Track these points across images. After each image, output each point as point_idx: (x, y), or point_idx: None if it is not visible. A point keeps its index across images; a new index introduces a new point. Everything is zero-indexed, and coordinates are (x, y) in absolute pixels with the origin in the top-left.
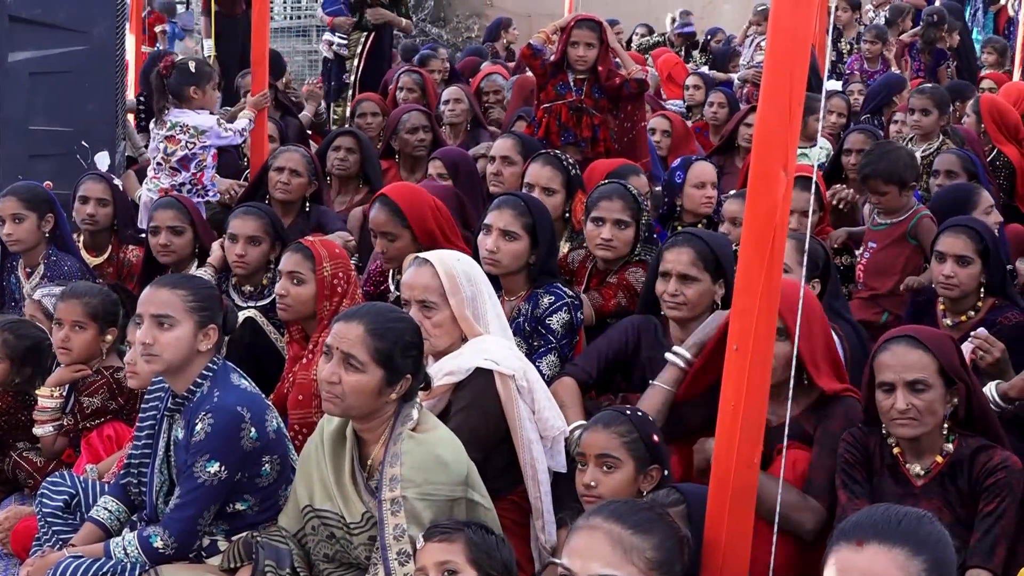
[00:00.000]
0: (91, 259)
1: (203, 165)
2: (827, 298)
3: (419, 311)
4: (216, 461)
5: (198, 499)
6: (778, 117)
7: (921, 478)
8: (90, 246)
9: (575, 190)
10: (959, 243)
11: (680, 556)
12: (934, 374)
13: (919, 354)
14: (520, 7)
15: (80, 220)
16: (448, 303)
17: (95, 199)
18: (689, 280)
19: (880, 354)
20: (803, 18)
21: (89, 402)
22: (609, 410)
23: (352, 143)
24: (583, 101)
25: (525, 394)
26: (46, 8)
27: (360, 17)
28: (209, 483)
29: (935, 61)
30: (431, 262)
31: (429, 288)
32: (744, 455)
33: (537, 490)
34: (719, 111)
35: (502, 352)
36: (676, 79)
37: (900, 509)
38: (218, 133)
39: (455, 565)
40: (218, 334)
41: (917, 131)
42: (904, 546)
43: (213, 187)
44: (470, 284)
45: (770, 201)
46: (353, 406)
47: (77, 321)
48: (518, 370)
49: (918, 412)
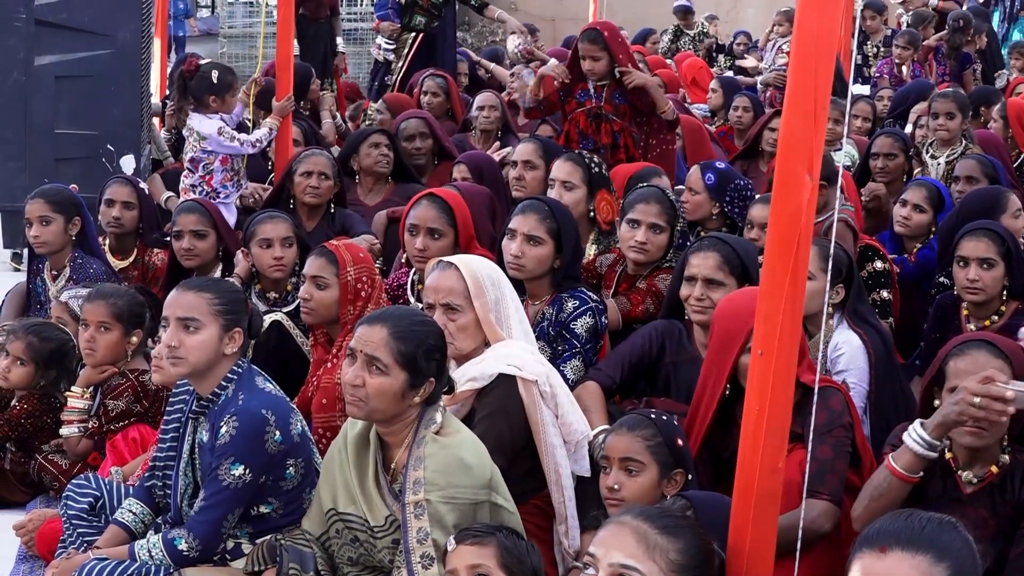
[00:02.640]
0: (116, 262)
1: (210, 168)
2: (851, 303)
3: (443, 314)
4: (241, 464)
5: (223, 502)
6: (803, 121)
7: (972, 486)
8: (116, 249)
9: (598, 188)
10: (982, 246)
11: (706, 568)
12: None
13: (1000, 364)
14: (545, 11)
15: (106, 223)
16: (472, 306)
17: (121, 202)
18: (715, 284)
19: (954, 359)
20: (828, 22)
21: (114, 405)
22: (634, 414)
23: (388, 141)
24: (602, 107)
25: (548, 399)
26: (72, 12)
27: (410, 19)
28: (234, 486)
29: (960, 65)
30: (456, 265)
31: (454, 291)
32: (768, 461)
33: (561, 495)
34: (743, 115)
35: (525, 357)
36: (700, 83)
37: (924, 515)
38: (219, 141)
39: (487, 569)
40: (243, 337)
41: (941, 135)
42: (927, 553)
43: (225, 189)
44: (494, 288)
45: (795, 205)
46: (377, 409)
47: (103, 322)
48: (541, 375)
49: (988, 423)
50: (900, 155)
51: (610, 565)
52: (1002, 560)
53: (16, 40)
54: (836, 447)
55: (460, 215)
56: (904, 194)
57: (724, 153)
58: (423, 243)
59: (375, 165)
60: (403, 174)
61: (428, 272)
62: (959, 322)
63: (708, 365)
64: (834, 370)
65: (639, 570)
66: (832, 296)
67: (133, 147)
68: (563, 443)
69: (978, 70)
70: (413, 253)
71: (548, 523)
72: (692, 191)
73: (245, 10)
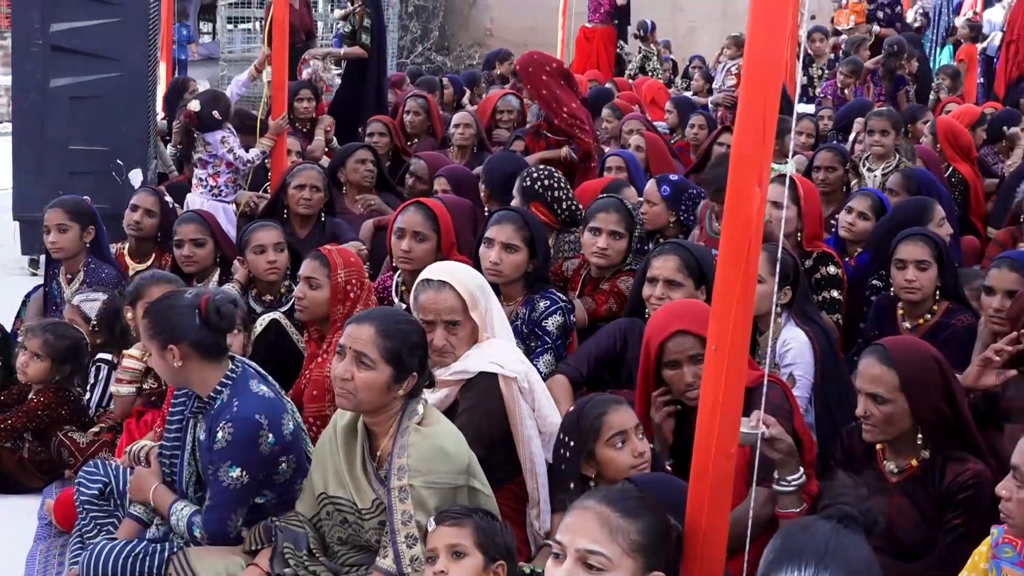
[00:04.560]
0: (135, 264)
1: (217, 169)
2: (798, 303)
3: (445, 330)
4: (237, 467)
5: (225, 501)
6: (753, 139)
7: (895, 476)
8: (134, 253)
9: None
10: (918, 249)
11: (666, 545)
12: (894, 390)
13: (882, 370)
14: (518, 38)
15: (127, 225)
16: (471, 318)
17: (144, 209)
18: (674, 285)
19: (861, 363)
20: (775, 48)
21: None
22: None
23: (372, 157)
24: (541, 127)
25: (526, 394)
26: (84, 38)
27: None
28: (233, 486)
29: (895, 87)
30: (448, 282)
31: (455, 309)
32: (722, 448)
33: (535, 482)
34: (699, 132)
35: (506, 355)
36: (659, 103)
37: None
38: (218, 147)
39: (464, 548)
40: (183, 349)
41: (876, 150)
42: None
43: (227, 189)
44: (484, 296)
45: (746, 214)
46: (364, 401)
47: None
48: (520, 372)
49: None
50: (839, 168)
51: (576, 551)
52: (927, 545)
53: (33, 64)
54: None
55: (443, 222)
56: (850, 202)
57: (682, 166)
58: (408, 245)
59: (361, 179)
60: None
61: (418, 291)
62: (895, 321)
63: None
64: (782, 364)
65: (603, 553)
66: (780, 297)
67: (141, 162)
68: (539, 434)
69: (911, 91)
70: (398, 254)
71: (522, 506)
72: (650, 203)
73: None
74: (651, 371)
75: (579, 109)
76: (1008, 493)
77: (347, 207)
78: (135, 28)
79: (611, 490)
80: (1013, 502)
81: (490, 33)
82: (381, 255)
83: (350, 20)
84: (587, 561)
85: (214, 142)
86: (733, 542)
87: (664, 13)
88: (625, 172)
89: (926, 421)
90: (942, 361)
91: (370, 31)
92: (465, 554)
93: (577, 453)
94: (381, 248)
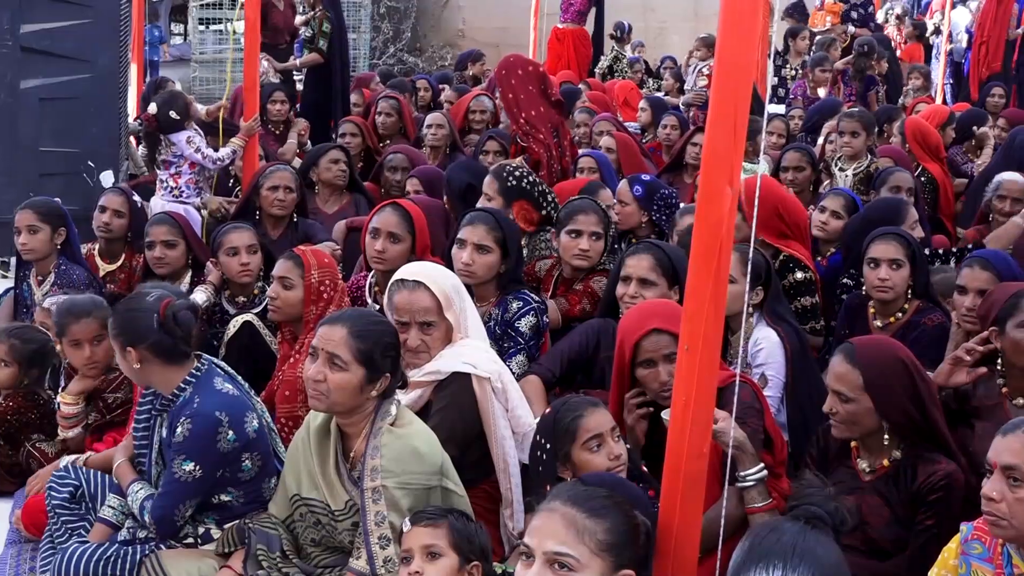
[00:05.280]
0: (105, 265)
1: (179, 169)
2: (770, 303)
3: (419, 331)
4: (191, 461)
5: (174, 492)
6: (724, 140)
7: (868, 475)
8: (104, 253)
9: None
10: (892, 248)
11: (634, 542)
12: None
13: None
14: (490, 39)
15: (96, 227)
16: (445, 318)
17: (112, 210)
18: (648, 284)
19: (831, 361)
20: (746, 50)
21: (114, 397)
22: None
23: (345, 157)
24: (516, 132)
25: (500, 394)
26: (55, 40)
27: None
28: (185, 479)
29: (865, 87)
30: (423, 283)
31: (429, 309)
32: (694, 446)
33: (508, 482)
34: (671, 132)
35: (480, 356)
36: (631, 103)
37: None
38: (185, 148)
39: (439, 548)
40: (140, 352)
41: (847, 151)
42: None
43: (188, 190)
44: (459, 297)
45: (717, 214)
46: (337, 402)
47: (96, 336)
48: (494, 373)
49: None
50: (807, 168)
51: (544, 553)
52: (899, 543)
53: (3, 65)
54: (752, 435)
55: (419, 224)
56: (823, 201)
57: (654, 167)
58: (382, 245)
59: (333, 179)
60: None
61: (392, 291)
62: (866, 320)
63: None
64: (754, 364)
65: (571, 555)
66: (752, 297)
67: (112, 163)
68: (512, 434)
69: (882, 92)
70: (372, 254)
71: (495, 506)
72: (623, 203)
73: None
74: (626, 370)
75: (541, 116)
76: (999, 495)
77: (319, 207)
78: (106, 29)
79: (577, 490)
80: (1005, 504)
81: (462, 34)
82: (353, 256)
83: (310, 25)
84: (556, 563)
85: (179, 143)
86: (708, 542)
87: (635, 14)
88: (597, 173)
89: (892, 421)
90: (910, 362)
91: (328, 36)
92: (440, 555)
93: (553, 456)
94: (353, 249)
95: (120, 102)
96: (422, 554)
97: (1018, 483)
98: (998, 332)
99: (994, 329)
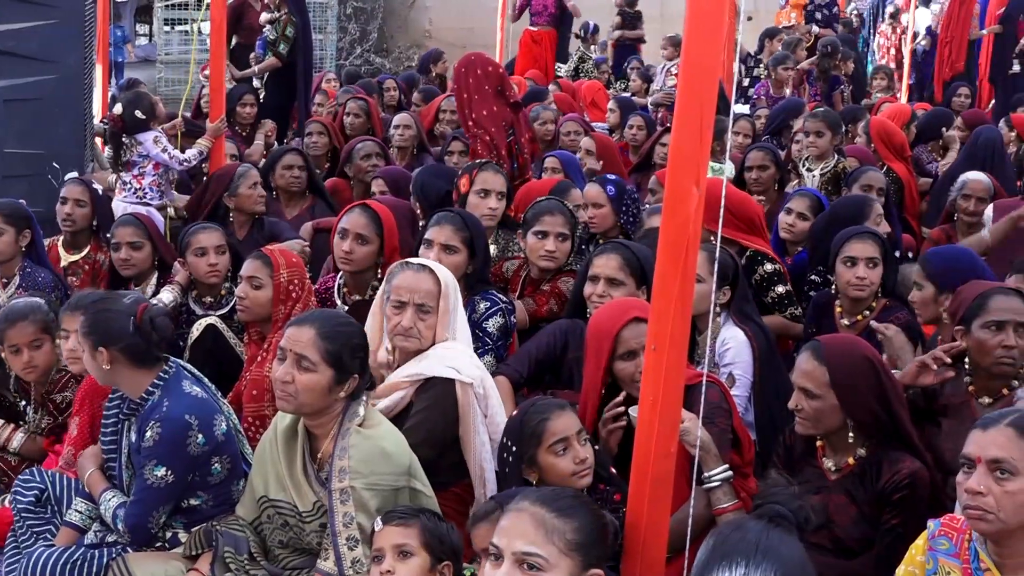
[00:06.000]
0: (68, 256)
1: (143, 170)
2: (737, 303)
3: (415, 313)
4: (163, 466)
5: (147, 499)
6: (690, 141)
7: (833, 474)
8: (68, 244)
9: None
10: (868, 247)
11: (602, 541)
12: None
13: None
14: (456, 39)
15: (61, 220)
16: (439, 310)
17: (73, 200)
18: (616, 284)
19: (798, 358)
20: (711, 54)
21: (62, 397)
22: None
23: (302, 161)
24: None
25: (481, 400)
26: (20, 40)
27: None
28: (157, 485)
29: (830, 87)
30: (430, 268)
31: (431, 293)
32: (662, 446)
33: (483, 488)
34: (638, 132)
35: (464, 360)
36: (599, 104)
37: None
38: (151, 148)
39: (410, 548)
40: (110, 352)
41: (812, 151)
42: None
43: (151, 192)
44: (455, 294)
45: (684, 214)
46: (305, 403)
47: (34, 340)
48: (477, 379)
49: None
50: (771, 167)
51: (513, 554)
52: (866, 542)
53: None
54: (720, 435)
55: (388, 226)
56: (789, 203)
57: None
58: (350, 246)
59: (288, 185)
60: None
61: (394, 273)
62: (833, 318)
63: (586, 372)
64: (721, 363)
65: (540, 555)
66: (719, 297)
67: (77, 165)
68: (489, 440)
69: (847, 92)
70: (340, 255)
71: (465, 508)
72: (597, 205)
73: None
74: (603, 365)
75: (492, 116)
76: (985, 488)
77: (281, 211)
78: (71, 30)
79: (545, 490)
80: (992, 497)
81: (428, 35)
82: (321, 257)
83: (275, 27)
84: (525, 563)
85: (146, 142)
86: (677, 542)
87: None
88: (561, 173)
89: (858, 419)
90: (876, 360)
91: (291, 41)
92: (412, 554)
93: (519, 458)
94: (321, 250)
95: (86, 103)
96: (393, 553)
97: (1005, 476)
98: (964, 331)
99: (960, 328)
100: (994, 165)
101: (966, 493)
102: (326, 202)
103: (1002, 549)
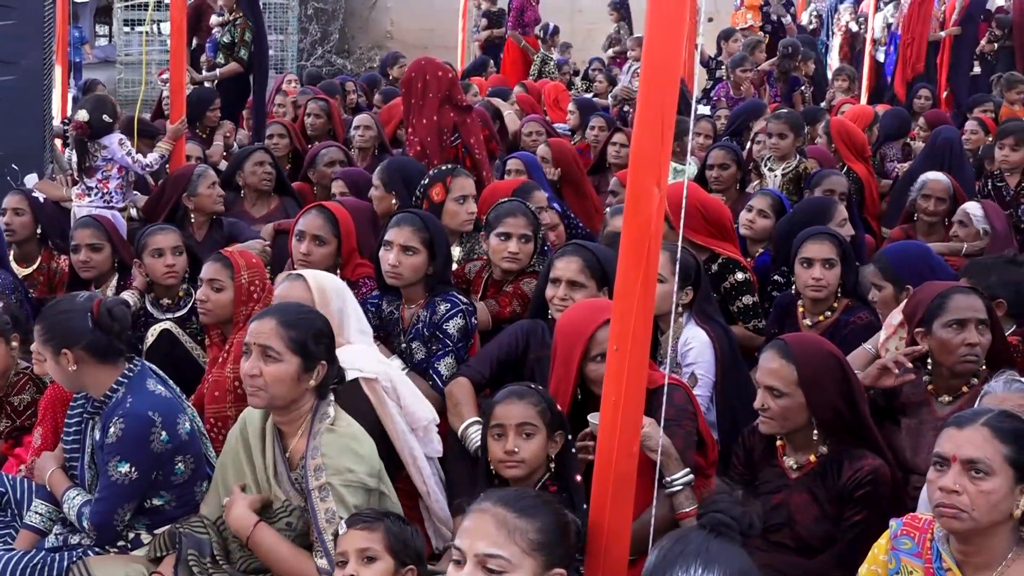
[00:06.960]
0: (21, 270)
1: (107, 175)
2: (699, 303)
3: None
4: (126, 462)
5: (112, 496)
6: (651, 141)
7: (795, 472)
8: (19, 258)
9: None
10: (825, 248)
11: (565, 540)
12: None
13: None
14: (417, 40)
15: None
16: None
17: (11, 209)
18: (577, 286)
19: (762, 357)
20: (672, 54)
21: (19, 399)
22: (518, 385)
23: (270, 159)
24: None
25: (390, 392)
26: None
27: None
28: (121, 481)
29: (790, 88)
30: (304, 277)
31: (303, 300)
32: (624, 445)
33: (420, 474)
34: (599, 133)
35: (362, 358)
36: (561, 105)
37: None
38: (116, 151)
39: (375, 552)
40: (76, 353)
41: (775, 152)
42: None
43: (117, 195)
44: (338, 297)
45: (645, 215)
46: (276, 395)
47: None
48: (380, 373)
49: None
50: (732, 166)
51: (475, 555)
52: (828, 540)
53: None
54: (686, 437)
55: (344, 227)
56: (751, 201)
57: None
58: (307, 248)
59: (259, 183)
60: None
61: (278, 283)
62: (796, 318)
63: (555, 374)
64: (684, 363)
65: (503, 556)
66: (682, 297)
67: (36, 166)
68: (411, 429)
69: (807, 93)
70: (298, 257)
71: (413, 501)
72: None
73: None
74: (573, 368)
75: (429, 126)
76: (960, 487)
77: (247, 211)
78: (30, 30)
79: (508, 491)
80: (967, 496)
81: (390, 35)
82: (282, 258)
83: (229, 30)
84: (487, 565)
85: (112, 145)
86: (641, 545)
87: (563, 16)
88: (525, 174)
89: (822, 417)
90: (842, 359)
91: (249, 46)
92: (376, 558)
93: (485, 427)
94: (282, 251)
95: (45, 104)
96: (357, 558)
97: (980, 475)
98: (925, 332)
99: (920, 330)
100: (953, 165)
101: (940, 491)
102: (297, 202)
103: (967, 547)
